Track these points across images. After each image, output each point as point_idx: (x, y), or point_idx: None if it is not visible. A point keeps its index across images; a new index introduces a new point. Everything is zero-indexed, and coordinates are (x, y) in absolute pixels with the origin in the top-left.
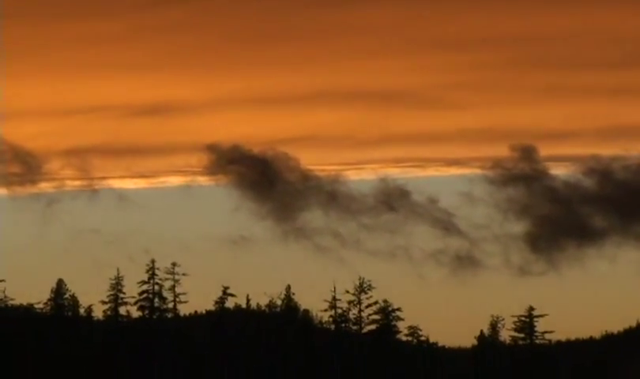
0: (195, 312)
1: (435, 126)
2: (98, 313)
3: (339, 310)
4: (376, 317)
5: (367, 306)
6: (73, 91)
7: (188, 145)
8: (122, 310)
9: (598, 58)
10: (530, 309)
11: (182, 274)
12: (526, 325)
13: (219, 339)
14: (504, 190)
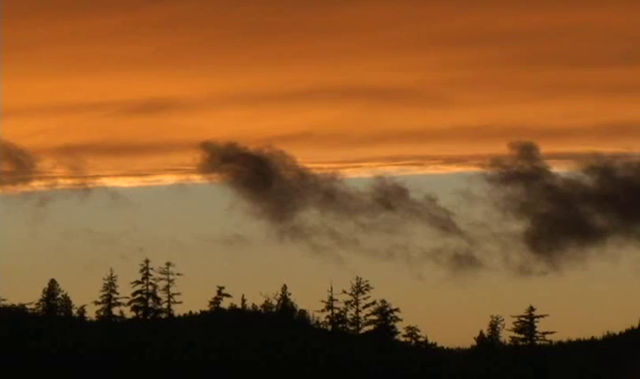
0: (190, 312)
1: (433, 124)
2: (91, 313)
3: (336, 311)
4: (374, 317)
5: (364, 307)
6: (65, 89)
7: (182, 143)
8: (115, 311)
9: (599, 54)
10: (530, 310)
11: (177, 274)
12: (526, 326)
13: (214, 341)
14: (504, 189)
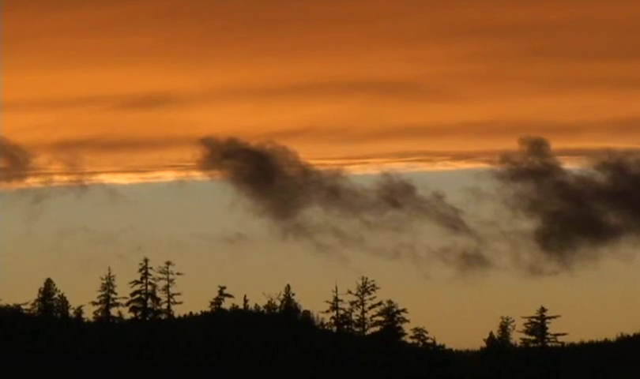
0: (190, 313)
1: (441, 119)
2: (88, 314)
3: (341, 311)
4: (380, 318)
5: (370, 307)
6: (62, 83)
7: (182, 139)
8: (113, 312)
9: (612, 47)
10: (542, 310)
11: (177, 273)
12: (538, 327)
13: (215, 342)
14: (513, 186)
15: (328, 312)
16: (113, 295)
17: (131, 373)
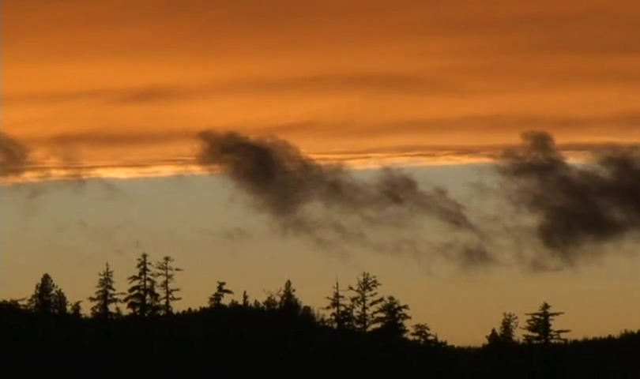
0: (189, 309)
1: (444, 113)
2: (86, 310)
3: (342, 308)
4: (381, 315)
5: (371, 304)
6: (59, 76)
7: (181, 133)
8: (111, 307)
9: (617, 41)
10: (545, 307)
11: (176, 269)
12: (541, 324)
13: (214, 339)
14: (517, 181)
15: (328, 308)
16: (111, 291)
17: (129, 369)
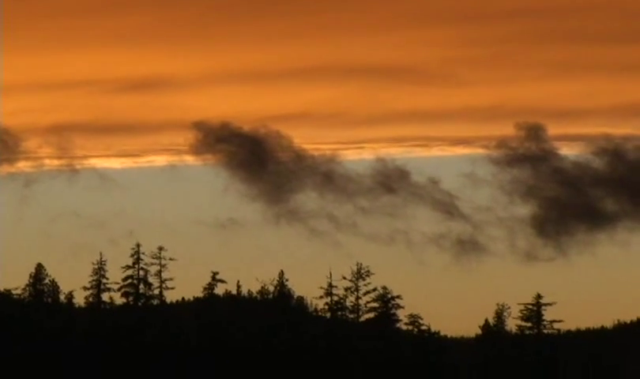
0: (182, 299)
1: (438, 104)
2: (79, 299)
3: (335, 297)
4: (374, 304)
5: (364, 293)
6: (53, 66)
7: (174, 123)
8: (105, 297)
9: (611, 32)
10: (538, 297)
11: (169, 259)
12: (533, 314)
13: (207, 328)
14: (510, 171)
15: (322, 298)
16: (104, 280)
17: (123, 358)
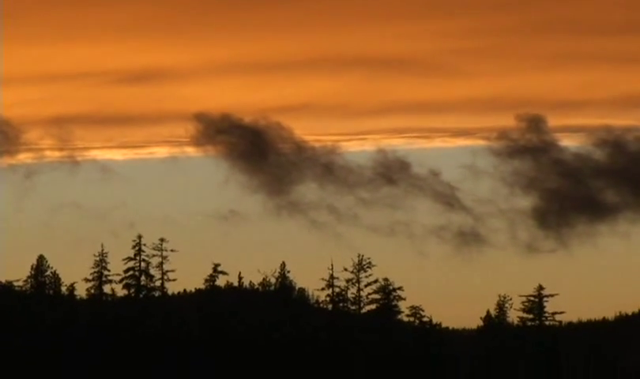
0: (184, 290)
1: (439, 95)
2: (81, 291)
3: (336, 289)
4: (376, 296)
5: (366, 285)
6: (54, 58)
7: (175, 114)
8: (106, 289)
9: (611, 24)
10: (539, 289)
11: (171, 250)
12: (535, 305)
13: (209, 320)
14: (510, 163)
15: (323, 289)
16: (106, 272)
17: (124, 350)
